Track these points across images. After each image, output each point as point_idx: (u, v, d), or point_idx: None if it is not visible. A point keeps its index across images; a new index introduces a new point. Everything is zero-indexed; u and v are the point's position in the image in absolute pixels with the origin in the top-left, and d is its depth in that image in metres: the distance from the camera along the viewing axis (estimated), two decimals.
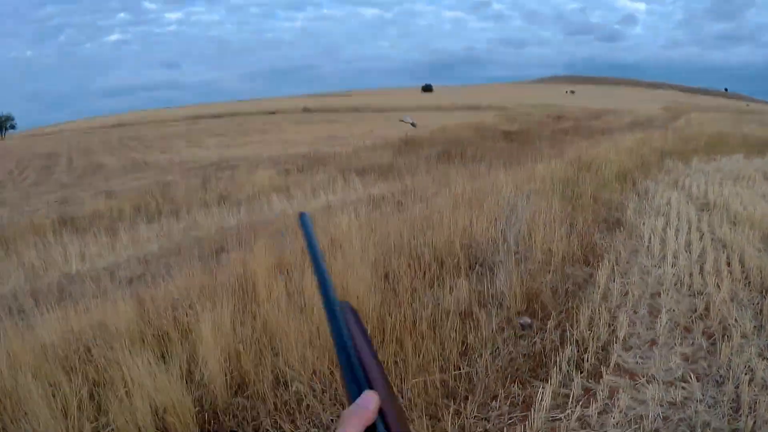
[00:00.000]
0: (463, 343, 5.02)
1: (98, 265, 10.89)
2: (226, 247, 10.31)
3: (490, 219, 8.19)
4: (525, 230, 7.77)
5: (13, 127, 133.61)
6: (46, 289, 9.56)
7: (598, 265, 7.12)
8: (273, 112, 78.49)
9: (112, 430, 4.03)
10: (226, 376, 4.55)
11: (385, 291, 5.65)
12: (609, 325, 5.55)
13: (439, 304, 5.57)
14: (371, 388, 0.85)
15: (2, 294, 9.74)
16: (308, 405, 4.31)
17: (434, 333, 4.99)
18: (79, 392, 4.25)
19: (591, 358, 4.95)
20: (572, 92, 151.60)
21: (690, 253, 7.72)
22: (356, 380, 0.86)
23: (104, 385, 4.42)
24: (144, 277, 9.33)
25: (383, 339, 4.89)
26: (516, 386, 4.61)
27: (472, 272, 6.61)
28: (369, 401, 0.83)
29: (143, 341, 5.05)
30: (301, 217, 1.14)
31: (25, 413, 4.08)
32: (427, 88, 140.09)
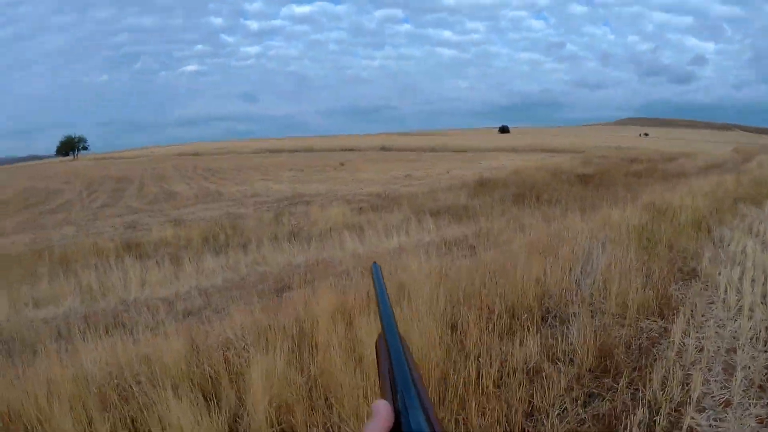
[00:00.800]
0: (529, 403, 4.73)
1: (158, 293, 10.91)
2: (291, 285, 10.19)
3: (564, 268, 7.87)
4: (600, 280, 7.47)
5: (85, 148, 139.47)
6: (101, 314, 9.57)
7: (673, 319, 6.68)
8: (350, 149, 79.31)
9: None
10: (273, 428, 4.33)
11: (451, 344, 5.40)
12: (683, 385, 5.15)
13: (506, 359, 5.28)
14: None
15: (54, 315, 9.79)
16: None
17: (500, 391, 4.75)
18: (114, 430, 4.10)
19: (663, 421, 4.60)
20: (646, 135, 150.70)
21: (766, 305, 7.23)
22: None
23: (142, 425, 4.27)
24: (203, 311, 9.33)
25: (444, 397, 4.62)
26: None
27: (544, 324, 6.35)
28: (380, 408, 0.87)
29: (191, 381, 4.88)
30: (374, 267, 1.28)
31: None
32: (503, 130, 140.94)
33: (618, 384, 5.11)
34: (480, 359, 5.16)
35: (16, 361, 6.51)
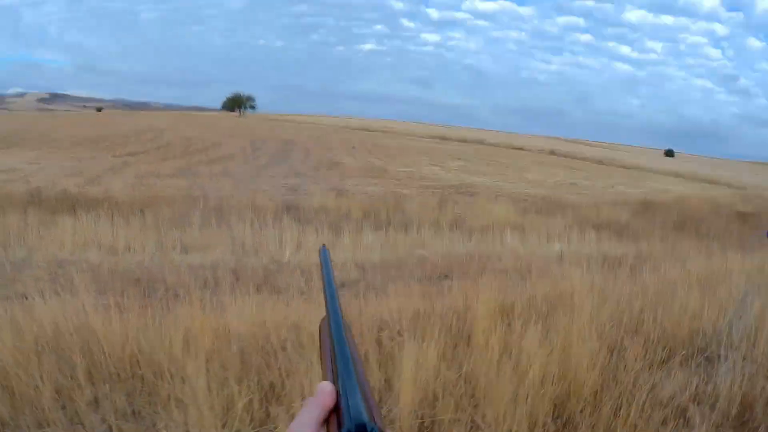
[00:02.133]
0: None
1: (313, 259, 10.81)
2: (449, 274, 10.17)
3: (720, 307, 7.43)
4: (752, 326, 6.92)
5: (252, 107, 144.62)
6: (250, 271, 9.61)
7: None
8: (518, 148, 78.86)
9: None
10: (416, 419, 4.24)
11: (606, 367, 5.22)
12: None
13: (654, 390, 5.00)
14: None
15: (201, 264, 9.90)
16: None
17: (645, 425, 4.50)
18: (250, 394, 4.04)
19: None
20: None
21: None
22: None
23: (281, 391, 4.23)
24: (357, 284, 9.29)
25: (597, 422, 4.44)
26: None
27: (693, 361, 6.02)
28: (324, 387, 0.90)
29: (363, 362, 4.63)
30: (322, 250, 1.38)
31: (182, 397, 3.92)
32: (669, 153, 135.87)
33: None
34: (631, 386, 4.95)
35: (155, 303, 6.52)
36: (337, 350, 0.97)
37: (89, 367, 4.47)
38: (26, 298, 6.41)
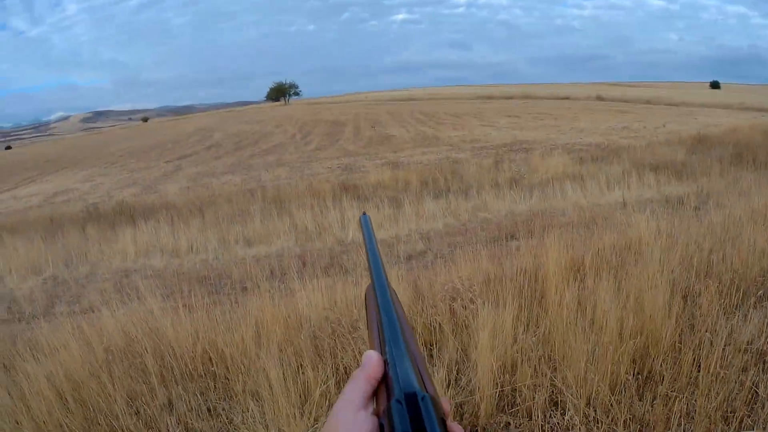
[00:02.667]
0: (750, 390, 4.24)
1: (377, 235, 10.74)
2: (515, 234, 10.05)
3: None
4: None
5: (296, 94, 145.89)
6: (316, 254, 9.64)
7: None
8: (564, 98, 78.13)
9: None
10: (496, 388, 4.16)
11: (681, 316, 5.06)
12: None
13: (731, 336, 4.82)
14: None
15: (267, 254, 9.94)
16: None
17: (725, 373, 4.33)
18: (326, 382, 4.00)
19: None
20: None
21: None
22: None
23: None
24: (425, 255, 9.30)
25: (678, 375, 4.29)
26: None
27: (766, 301, 5.75)
28: (371, 357, 0.88)
29: (414, 330, 4.55)
30: (362, 218, 1.42)
31: (257, 390, 3.96)
32: (714, 85, 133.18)
33: None
34: (708, 334, 4.81)
35: (222, 299, 6.51)
36: (384, 317, 0.95)
37: (161, 369, 4.51)
38: (93, 311, 6.47)
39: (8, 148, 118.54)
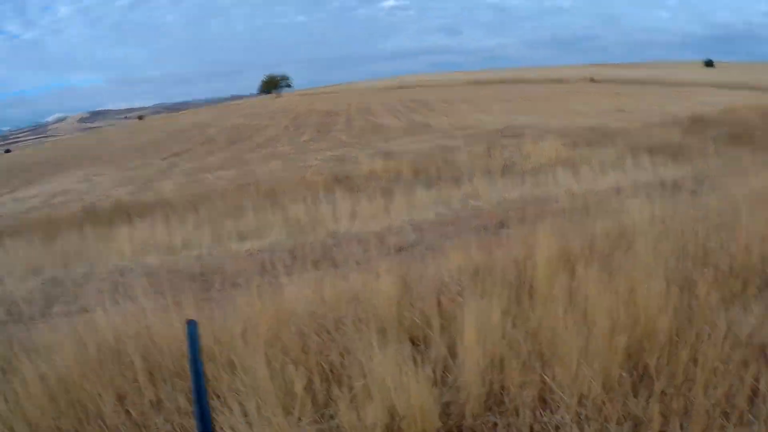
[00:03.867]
0: (751, 387, 3.99)
1: (369, 227, 10.92)
2: (506, 222, 9.98)
3: None
4: None
5: (288, 86, 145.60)
6: (308, 248, 9.64)
7: None
8: (557, 81, 78.15)
9: (338, 426, 3.73)
10: (483, 386, 4.02)
11: (678, 308, 4.77)
12: None
13: (730, 328, 4.52)
14: None
15: (259, 248, 9.94)
16: None
17: (725, 367, 4.10)
18: (310, 377, 4.02)
19: None
20: None
21: None
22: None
23: (340, 371, 4.18)
24: (416, 246, 9.26)
25: (674, 372, 4.09)
26: None
27: (767, 291, 5.55)
28: None
29: (400, 326, 4.73)
30: (188, 326, 1.59)
31: (242, 388, 3.94)
32: (708, 64, 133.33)
33: None
34: (706, 326, 4.55)
35: (213, 295, 6.50)
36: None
37: (150, 369, 4.51)
38: (87, 311, 6.47)
39: (8, 151, 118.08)
